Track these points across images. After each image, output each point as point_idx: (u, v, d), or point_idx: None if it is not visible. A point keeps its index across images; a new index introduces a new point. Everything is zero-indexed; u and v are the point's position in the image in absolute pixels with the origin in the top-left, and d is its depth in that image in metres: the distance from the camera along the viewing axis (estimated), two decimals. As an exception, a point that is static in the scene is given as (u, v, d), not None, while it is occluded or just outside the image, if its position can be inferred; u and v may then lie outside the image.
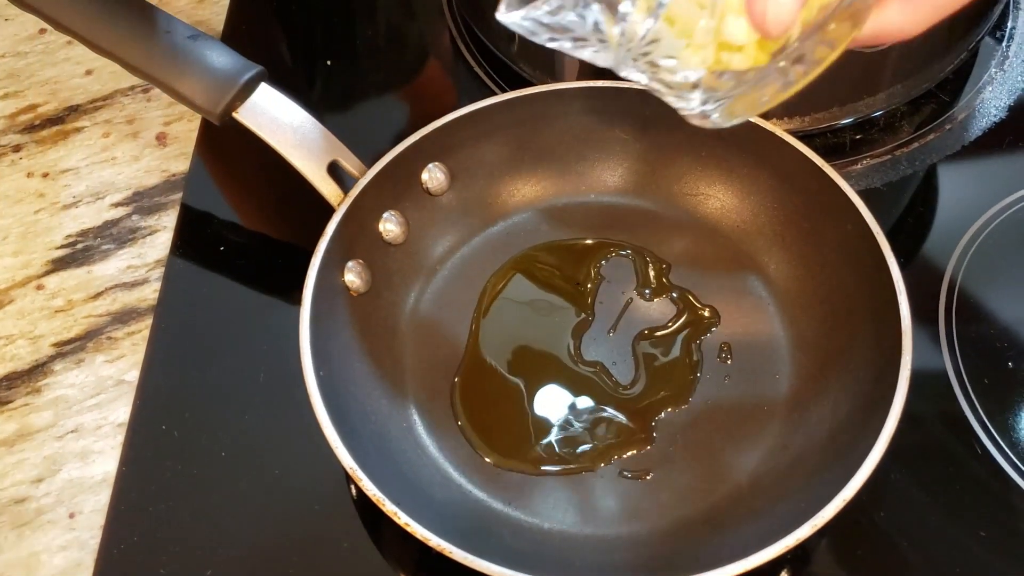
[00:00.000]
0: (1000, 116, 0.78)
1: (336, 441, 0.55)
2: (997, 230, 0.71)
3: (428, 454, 0.62)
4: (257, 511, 0.61)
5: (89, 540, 0.61)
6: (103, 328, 0.70)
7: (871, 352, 0.60)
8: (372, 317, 0.66)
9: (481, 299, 0.69)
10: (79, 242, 0.74)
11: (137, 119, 0.82)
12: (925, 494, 0.60)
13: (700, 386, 0.64)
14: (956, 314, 0.67)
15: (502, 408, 0.64)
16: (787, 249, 0.68)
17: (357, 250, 0.66)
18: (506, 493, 0.60)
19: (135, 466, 0.63)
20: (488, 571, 0.50)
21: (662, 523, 0.59)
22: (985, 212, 0.71)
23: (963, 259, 0.69)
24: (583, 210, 0.73)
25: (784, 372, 0.64)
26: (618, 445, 0.61)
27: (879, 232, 0.61)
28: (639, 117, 0.70)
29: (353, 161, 0.67)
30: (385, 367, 0.65)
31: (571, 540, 0.58)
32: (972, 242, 0.70)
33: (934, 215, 0.73)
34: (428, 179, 0.70)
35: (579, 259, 0.70)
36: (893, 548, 0.58)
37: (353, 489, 0.61)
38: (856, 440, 0.55)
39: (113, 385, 0.67)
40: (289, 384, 0.64)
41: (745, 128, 0.66)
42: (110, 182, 0.78)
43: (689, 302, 0.68)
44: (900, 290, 0.59)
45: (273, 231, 0.74)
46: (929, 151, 0.76)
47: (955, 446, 0.62)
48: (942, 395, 0.64)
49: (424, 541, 0.51)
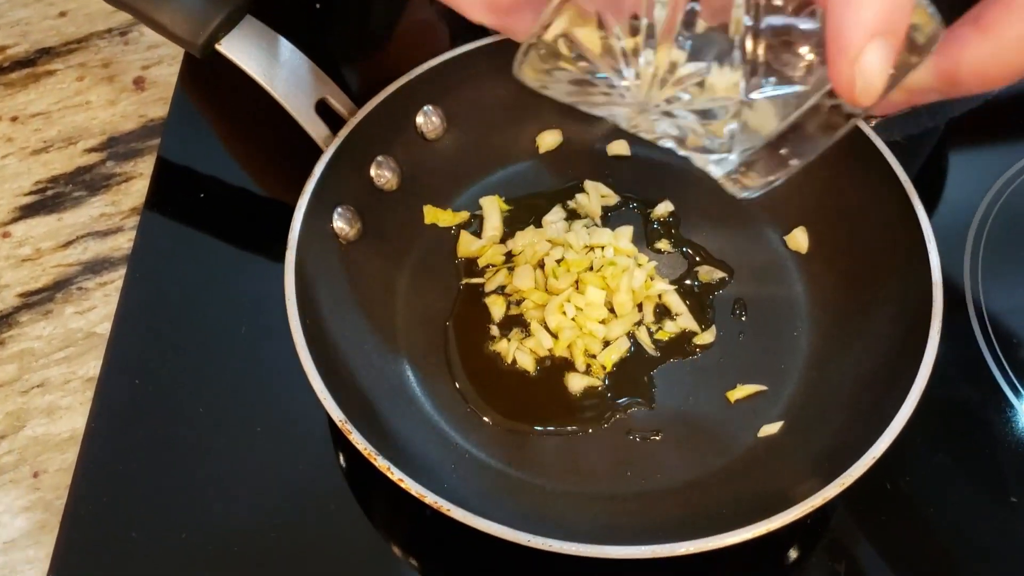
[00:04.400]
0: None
1: (324, 392, 0.50)
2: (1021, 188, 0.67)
3: (423, 411, 0.58)
4: (237, 470, 0.57)
5: (54, 501, 0.56)
6: (73, 278, 0.65)
7: (897, 306, 0.56)
8: (363, 267, 0.61)
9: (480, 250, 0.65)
10: (49, 188, 0.70)
11: (113, 63, 0.77)
12: (952, 459, 0.57)
13: (713, 343, 0.60)
14: (983, 271, 0.63)
15: (500, 362, 0.60)
16: (805, 201, 0.64)
17: (347, 195, 0.61)
18: (506, 453, 0.56)
19: (105, 422, 0.58)
20: (488, 530, 0.46)
21: (672, 484, 0.55)
22: (1013, 165, 0.67)
23: (988, 214, 0.66)
24: (587, 158, 0.68)
25: (803, 329, 0.60)
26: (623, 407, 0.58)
27: (906, 180, 0.58)
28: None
29: (343, 100, 0.62)
30: (377, 320, 0.60)
31: (575, 501, 0.54)
32: (999, 196, 0.66)
33: (957, 169, 0.69)
34: (423, 123, 0.65)
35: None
36: (918, 514, 0.55)
37: (342, 458, 0.56)
38: (882, 397, 0.52)
39: (83, 338, 0.63)
40: (273, 338, 0.60)
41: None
42: (83, 127, 0.73)
43: (700, 256, 0.64)
44: (929, 240, 0.55)
45: (257, 177, 0.69)
46: (951, 103, 0.72)
47: (983, 409, 0.58)
48: (969, 357, 0.60)
49: (419, 498, 0.47)
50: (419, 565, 0.54)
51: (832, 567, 0.53)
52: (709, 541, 0.46)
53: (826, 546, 0.53)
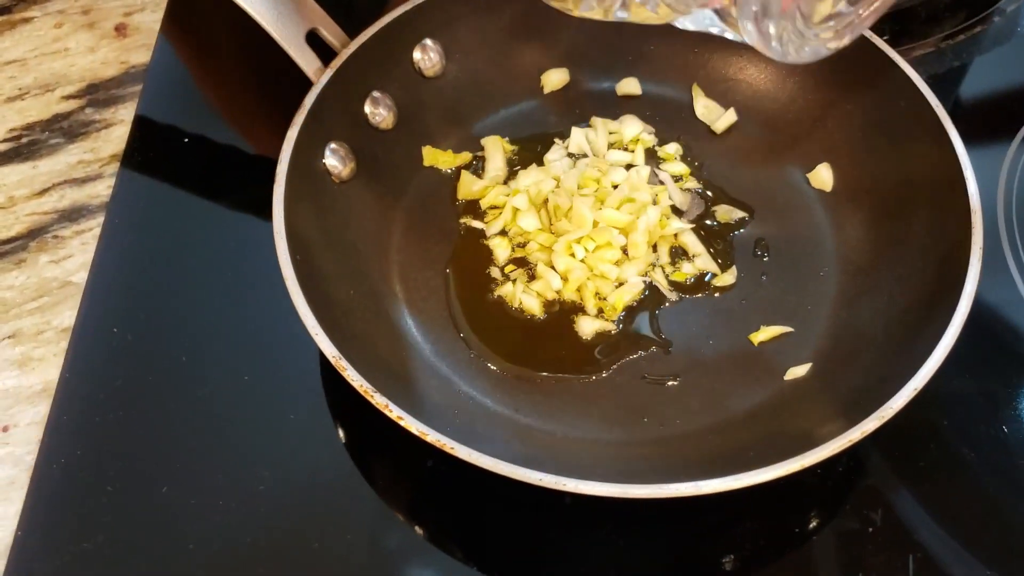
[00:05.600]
0: (1053, 8, 0.71)
1: (316, 327, 0.46)
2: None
3: (423, 356, 0.54)
4: (222, 421, 0.52)
5: (25, 456, 0.52)
6: (48, 226, 0.61)
7: (931, 238, 0.52)
8: (358, 207, 0.57)
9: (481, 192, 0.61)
10: (24, 136, 0.66)
11: (94, 9, 0.73)
12: (990, 400, 0.53)
13: (734, 285, 0.56)
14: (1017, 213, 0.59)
15: (505, 306, 0.56)
16: (829, 136, 0.60)
17: (339, 132, 0.57)
18: (513, 399, 0.52)
19: (81, 373, 0.54)
20: (494, 468, 0.42)
21: (692, 429, 0.51)
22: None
23: (1021, 153, 0.62)
24: (596, 99, 0.64)
25: (830, 268, 0.56)
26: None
27: (938, 105, 0.54)
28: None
29: (335, 31, 0.59)
30: (373, 262, 0.56)
31: (587, 447, 0.50)
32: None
33: (986, 108, 0.65)
34: (420, 58, 0.61)
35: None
36: (959, 459, 0.50)
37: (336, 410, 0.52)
38: (919, 332, 0.48)
39: (58, 287, 0.59)
40: (260, 285, 0.56)
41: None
42: (61, 74, 0.69)
43: (718, 196, 0.60)
44: (966, 165, 0.52)
45: (244, 119, 0.65)
46: (977, 43, 0.69)
47: (1021, 348, 0.54)
48: (1005, 295, 0.56)
49: (420, 437, 0.43)
50: (418, 523, 0.50)
51: (867, 515, 0.48)
52: (734, 480, 0.42)
53: (861, 493, 0.49)
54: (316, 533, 0.48)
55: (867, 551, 0.48)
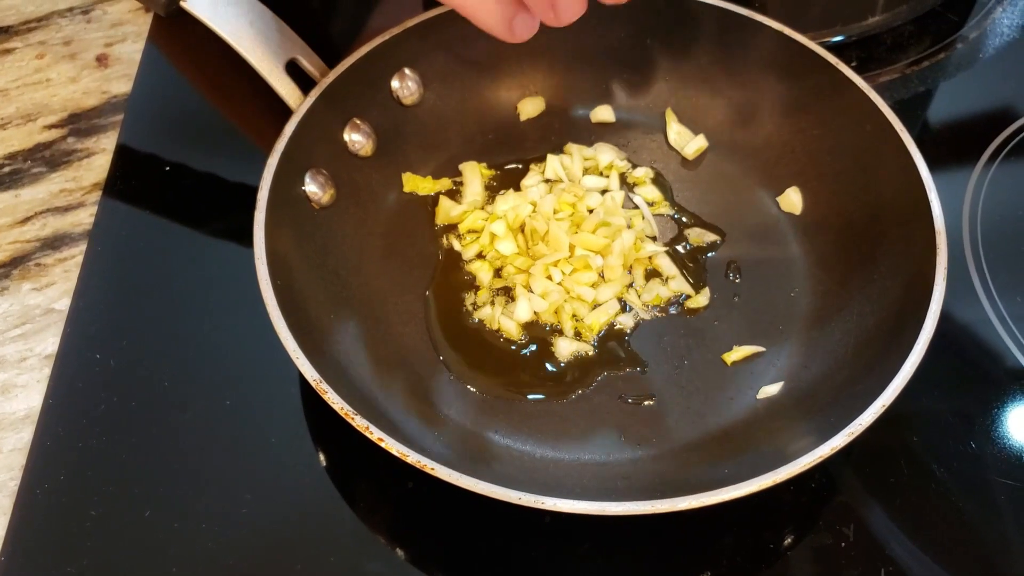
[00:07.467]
0: (1013, 35, 0.73)
1: (296, 351, 0.47)
2: (1019, 147, 0.65)
3: (403, 379, 0.54)
4: (204, 446, 0.53)
5: (8, 482, 0.52)
6: (31, 254, 0.62)
7: (898, 257, 0.54)
8: (338, 233, 0.58)
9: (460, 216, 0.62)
10: (6, 165, 0.66)
11: (75, 40, 0.74)
12: (959, 419, 0.54)
13: (707, 306, 0.57)
14: (981, 235, 0.61)
15: (484, 329, 0.57)
16: (798, 160, 0.61)
17: (319, 159, 0.58)
18: (492, 420, 0.53)
19: (64, 398, 0.54)
20: (475, 488, 0.43)
21: (668, 448, 0.52)
22: (1007, 128, 0.66)
23: (984, 177, 0.64)
24: (571, 126, 0.66)
25: (801, 288, 0.58)
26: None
27: (903, 129, 0.55)
28: (636, 23, 0.63)
29: (315, 60, 0.60)
30: (353, 286, 0.57)
31: (566, 467, 0.51)
32: (993, 159, 0.64)
33: (950, 133, 0.67)
34: (399, 87, 0.63)
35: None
36: (929, 475, 0.52)
37: (316, 433, 0.53)
38: (887, 349, 0.49)
39: (41, 314, 0.59)
40: (241, 312, 0.57)
41: (748, 29, 0.61)
42: (43, 104, 0.70)
43: (690, 220, 0.61)
44: (930, 188, 0.53)
45: (225, 147, 0.66)
46: (941, 69, 0.71)
47: (988, 366, 0.56)
48: (970, 313, 0.58)
49: (400, 458, 0.44)
50: (399, 544, 0.50)
51: (840, 530, 0.50)
52: (709, 496, 0.43)
53: (835, 509, 0.50)
54: (299, 556, 0.49)
55: (840, 565, 0.49)
